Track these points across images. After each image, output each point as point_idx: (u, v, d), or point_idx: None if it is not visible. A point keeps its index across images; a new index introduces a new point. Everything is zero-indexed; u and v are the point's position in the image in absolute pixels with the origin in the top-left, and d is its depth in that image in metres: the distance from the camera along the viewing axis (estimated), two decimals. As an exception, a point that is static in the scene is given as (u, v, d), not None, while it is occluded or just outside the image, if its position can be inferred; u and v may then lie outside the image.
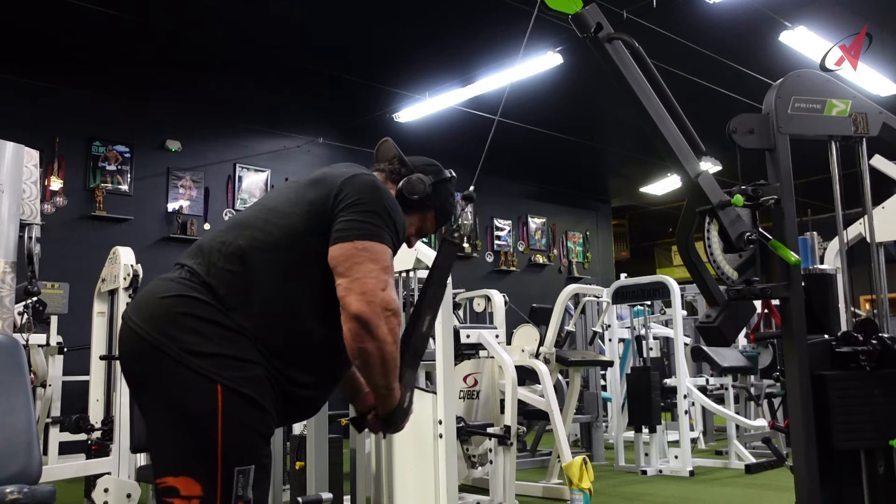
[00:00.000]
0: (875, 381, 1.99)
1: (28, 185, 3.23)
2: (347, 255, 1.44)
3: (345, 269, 1.43)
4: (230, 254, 1.48)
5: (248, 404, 1.38)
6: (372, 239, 1.45)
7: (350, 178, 1.53)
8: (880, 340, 2.02)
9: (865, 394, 1.98)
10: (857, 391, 1.98)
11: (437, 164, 1.77)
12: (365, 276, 1.42)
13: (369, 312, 1.40)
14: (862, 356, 1.99)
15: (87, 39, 6.67)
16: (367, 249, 1.44)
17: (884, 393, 1.97)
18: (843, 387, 1.98)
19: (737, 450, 5.36)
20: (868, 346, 2.01)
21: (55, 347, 5.04)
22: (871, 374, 1.99)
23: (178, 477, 1.35)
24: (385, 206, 1.51)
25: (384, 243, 1.47)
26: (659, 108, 2.02)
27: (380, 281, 1.43)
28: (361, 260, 1.43)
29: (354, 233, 1.45)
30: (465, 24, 6.54)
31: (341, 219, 1.47)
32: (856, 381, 1.99)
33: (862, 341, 2.03)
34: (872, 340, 2.02)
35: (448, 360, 3.11)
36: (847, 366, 2.01)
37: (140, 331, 1.41)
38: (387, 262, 1.46)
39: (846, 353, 2.02)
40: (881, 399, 1.97)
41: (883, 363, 2.01)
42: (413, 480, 3.12)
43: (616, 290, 5.56)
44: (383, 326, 1.42)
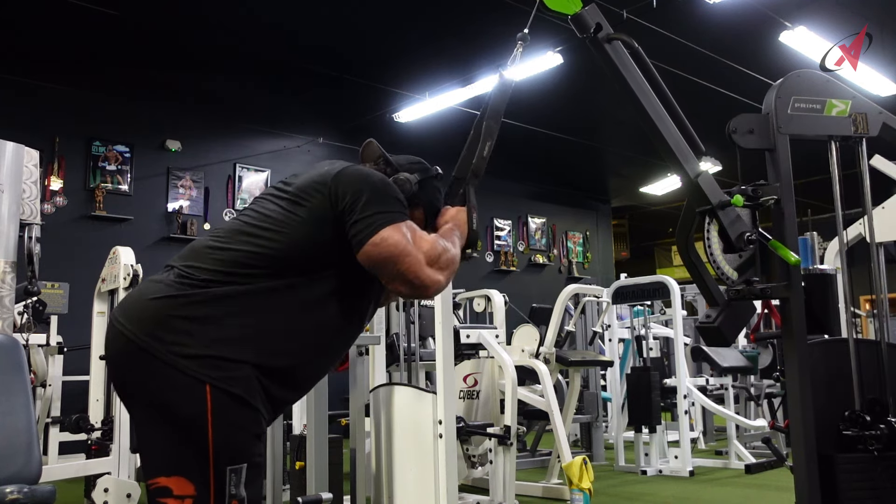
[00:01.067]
0: (882, 463, 1.98)
1: (28, 185, 3.23)
2: (371, 256, 1.46)
3: (379, 273, 1.49)
4: (220, 258, 1.47)
5: (237, 404, 1.38)
6: (385, 225, 1.47)
7: (336, 177, 1.53)
8: (888, 425, 2.00)
9: (872, 478, 1.98)
10: (864, 475, 1.98)
11: (423, 162, 1.77)
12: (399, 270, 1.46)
13: (427, 291, 1.50)
14: (871, 440, 1.99)
15: (87, 39, 6.67)
16: (386, 240, 1.45)
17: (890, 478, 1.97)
18: (850, 470, 1.99)
19: (737, 450, 5.36)
20: (876, 430, 2.00)
21: (55, 347, 5.04)
22: (878, 459, 1.98)
23: (170, 477, 1.35)
24: (377, 187, 1.52)
25: (396, 222, 1.48)
26: (659, 109, 2.02)
27: (412, 263, 1.46)
28: (385, 254, 1.45)
29: (368, 231, 1.46)
30: (465, 24, 6.54)
31: (351, 222, 1.48)
32: (863, 463, 1.99)
33: (870, 423, 2.01)
34: (881, 425, 2.00)
35: (448, 360, 3.11)
36: (854, 447, 2.01)
37: (128, 332, 1.41)
38: (406, 240, 1.48)
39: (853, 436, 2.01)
40: (887, 485, 1.97)
41: (890, 447, 2.00)
42: (413, 480, 3.12)
43: (616, 290, 5.56)
44: (442, 280, 1.52)
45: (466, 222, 1.69)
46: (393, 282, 1.49)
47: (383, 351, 4.28)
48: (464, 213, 1.71)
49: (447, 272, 1.54)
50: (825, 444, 2.02)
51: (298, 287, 1.48)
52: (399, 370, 4.42)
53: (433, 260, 1.50)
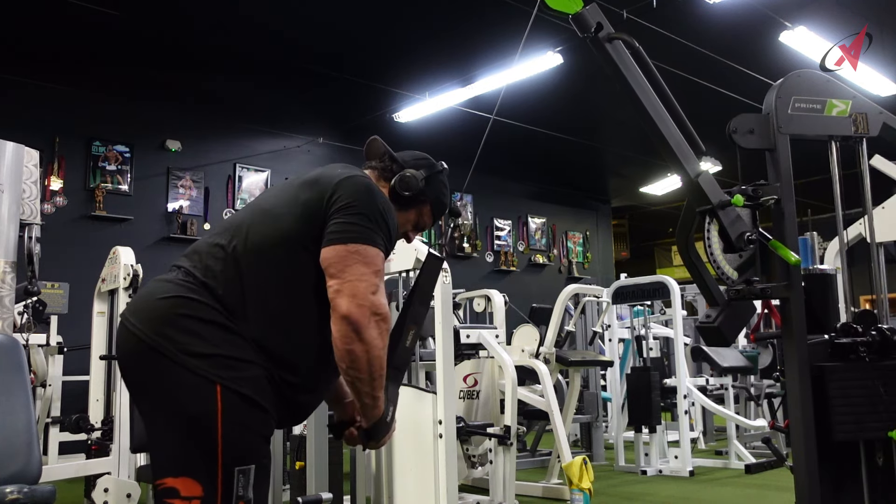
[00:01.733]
0: (874, 372, 1.98)
1: (28, 185, 3.23)
2: (339, 257, 1.44)
3: (336, 270, 1.44)
4: (225, 256, 1.48)
5: (247, 404, 1.38)
6: (364, 242, 1.46)
7: (344, 179, 1.53)
8: (879, 331, 2.02)
9: (864, 385, 1.97)
10: (857, 382, 1.97)
11: (428, 158, 1.77)
12: (356, 279, 1.42)
13: (358, 314, 1.41)
14: (861, 347, 1.99)
15: (87, 39, 6.67)
16: (360, 252, 1.44)
17: (883, 384, 1.97)
18: (842, 378, 1.97)
19: (737, 450, 5.36)
20: (867, 336, 2.01)
21: (55, 347, 5.04)
22: (870, 366, 1.99)
23: (178, 477, 1.35)
24: (378, 209, 1.51)
25: (376, 246, 1.47)
26: (659, 108, 2.02)
27: (370, 284, 1.43)
28: (353, 262, 1.43)
29: (347, 235, 1.45)
30: (465, 24, 6.54)
31: (334, 221, 1.47)
32: (855, 372, 1.98)
33: (861, 332, 2.02)
34: (872, 331, 2.02)
35: (448, 360, 3.11)
36: (846, 357, 2.01)
37: (138, 332, 1.41)
38: (378, 266, 1.46)
39: (845, 344, 2.01)
40: (880, 390, 1.96)
41: (882, 354, 2.01)
42: (413, 480, 3.12)
43: (616, 290, 5.56)
44: (372, 329, 1.43)
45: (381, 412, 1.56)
46: (339, 292, 1.42)
47: (383, 351, 4.28)
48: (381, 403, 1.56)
49: (383, 325, 1.45)
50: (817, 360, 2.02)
51: (302, 283, 1.48)
52: (399, 370, 4.41)
53: (380, 305, 1.44)
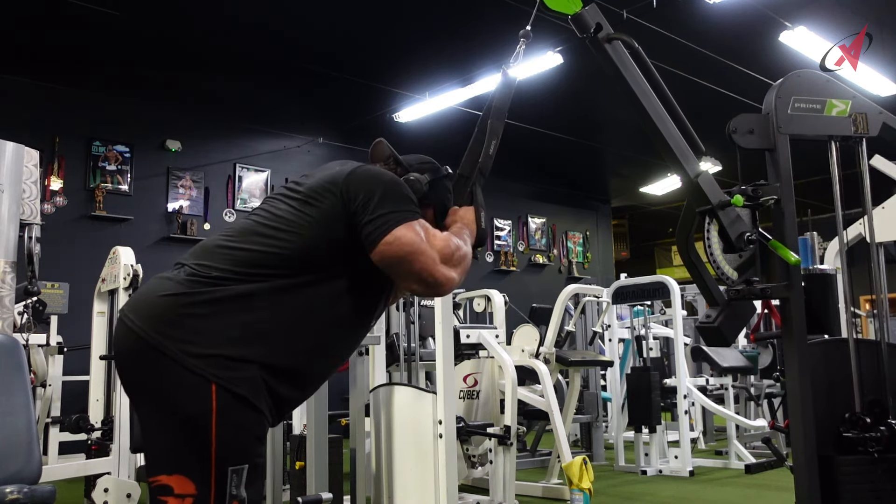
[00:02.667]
0: (881, 465, 1.98)
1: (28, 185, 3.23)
2: (385, 255, 1.47)
3: (393, 272, 1.50)
4: (229, 257, 1.48)
5: (242, 404, 1.38)
6: (398, 224, 1.47)
7: (348, 177, 1.53)
8: (888, 427, 2.00)
9: (872, 479, 1.97)
10: (864, 476, 1.98)
11: (433, 161, 1.77)
12: (413, 269, 1.47)
13: (442, 289, 1.51)
14: (871, 442, 1.99)
15: (87, 39, 6.67)
16: (399, 239, 1.46)
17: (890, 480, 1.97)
18: (850, 472, 1.98)
19: (737, 450, 5.36)
20: (876, 431, 2.00)
21: (55, 347, 5.04)
22: (878, 461, 1.98)
23: (171, 475, 1.35)
24: (389, 186, 1.52)
25: (408, 221, 1.49)
26: (659, 109, 2.02)
27: (426, 261, 1.47)
28: (399, 253, 1.46)
29: (381, 230, 1.47)
30: (465, 25, 6.54)
31: (363, 221, 1.48)
32: (862, 466, 1.99)
33: (870, 425, 2.01)
34: (881, 427, 2.01)
35: (448, 360, 3.11)
36: (854, 450, 2.01)
37: (137, 329, 1.41)
38: (420, 239, 1.48)
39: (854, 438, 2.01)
40: (887, 486, 1.97)
41: (890, 449, 2.00)
42: (413, 480, 3.12)
43: (616, 290, 5.56)
44: (456, 277, 1.52)
45: (475, 221, 1.71)
46: (407, 280, 1.50)
47: (383, 351, 4.28)
48: (472, 212, 1.72)
49: (460, 269, 1.55)
50: (825, 446, 2.02)
51: (308, 286, 1.48)
52: (399, 370, 4.42)
53: (447, 258, 1.51)
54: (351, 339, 1.61)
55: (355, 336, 1.62)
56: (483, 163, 1.76)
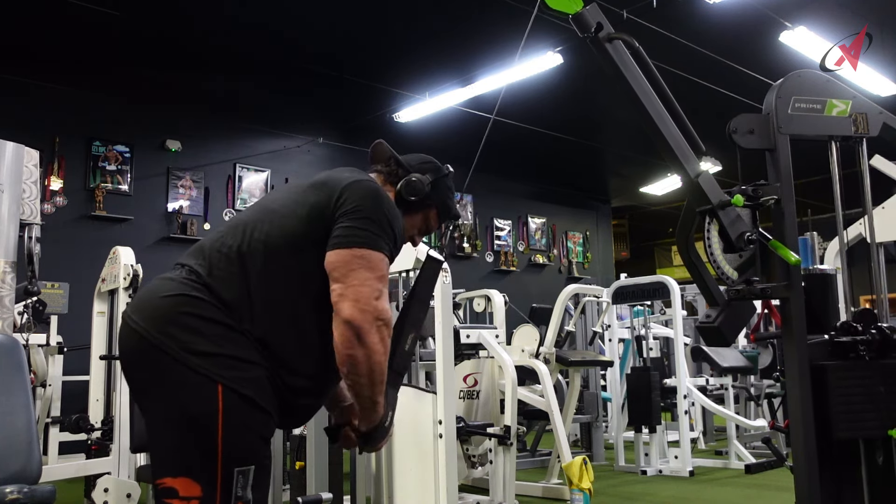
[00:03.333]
0: (874, 370, 1.98)
1: (28, 185, 3.23)
2: (344, 261, 1.44)
3: (340, 274, 1.44)
4: (231, 255, 1.48)
5: (248, 405, 1.38)
6: (369, 247, 1.46)
7: (351, 183, 1.53)
8: (879, 330, 2.02)
9: (864, 384, 1.97)
10: (857, 381, 1.97)
11: (434, 161, 1.77)
12: (360, 284, 1.43)
13: (361, 319, 1.41)
14: (861, 346, 1.99)
15: (87, 39, 6.67)
16: (364, 257, 1.45)
17: (883, 383, 1.97)
18: (843, 376, 1.97)
19: (737, 450, 5.36)
20: (867, 335, 2.01)
21: (55, 347, 5.03)
22: (870, 364, 1.99)
23: (176, 478, 1.34)
24: (385, 214, 1.51)
25: (381, 251, 1.47)
26: (659, 108, 2.02)
27: (374, 290, 1.44)
28: (357, 267, 1.44)
29: (352, 239, 1.45)
30: (465, 24, 6.54)
31: (340, 225, 1.48)
32: (855, 370, 1.98)
33: (861, 331, 2.02)
34: (871, 330, 2.02)
35: (448, 360, 3.11)
36: (846, 356, 2.01)
37: (141, 330, 1.41)
38: (382, 272, 1.46)
39: (845, 342, 2.01)
40: (880, 389, 1.96)
41: (882, 353, 2.01)
42: (413, 480, 3.12)
43: (616, 290, 5.56)
44: (374, 335, 1.43)
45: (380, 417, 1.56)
46: (342, 295, 1.42)
47: (383, 351, 4.28)
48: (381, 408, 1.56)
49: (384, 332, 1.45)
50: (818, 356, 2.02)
51: (307, 285, 1.48)
52: (399, 370, 4.41)
53: (381, 311, 1.44)
54: None
55: None
56: (398, 362, 1.61)
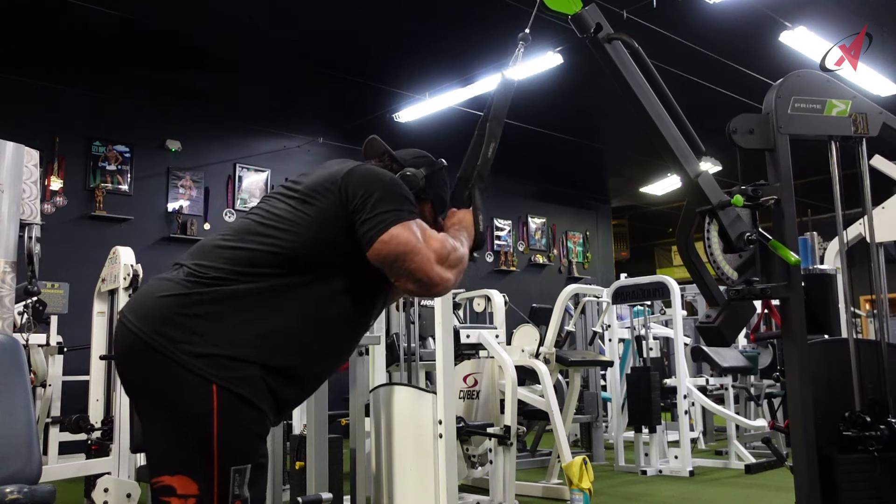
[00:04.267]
0: (882, 464, 1.98)
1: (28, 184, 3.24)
2: (381, 254, 1.47)
3: (389, 271, 1.49)
4: (228, 257, 1.48)
5: (243, 404, 1.38)
6: (395, 223, 1.47)
7: (346, 175, 1.53)
8: (888, 426, 2.01)
9: (871, 478, 1.98)
10: (864, 475, 1.98)
11: (427, 155, 1.77)
12: (408, 268, 1.47)
13: (436, 289, 1.51)
14: (871, 441, 1.99)
15: (87, 39, 6.66)
16: (395, 237, 1.46)
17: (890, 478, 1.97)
18: (850, 471, 1.98)
19: (737, 450, 5.36)
20: (876, 430, 2.01)
21: (55, 347, 5.04)
22: (878, 459, 1.99)
23: (174, 476, 1.35)
24: (388, 186, 1.52)
25: (405, 220, 1.49)
26: (659, 108, 2.02)
27: (422, 261, 1.47)
28: (395, 252, 1.46)
29: (378, 229, 1.46)
30: (465, 24, 6.54)
31: (361, 220, 1.48)
32: (862, 464, 1.99)
33: (870, 424, 2.01)
34: (881, 426, 2.01)
35: (448, 360, 3.11)
36: (854, 448, 2.01)
37: (136, 330, 1.41)
38: (416, 238, 1.48)
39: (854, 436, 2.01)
40: (887, 485, 1.97)
41: (889, 448, 2.00)
42: (413, 480, 3.12)
43: (616, 290, 5.56)
44: (451, 278, 1.52)
45: (473, 224, 1.70)
46: (402, 279, 1.49)
47: (383, 351, 4.28)
48: (470, 214, 1.72)
49: (456, 271, 1.55)
50: (825, 445, 2.02)
51: (308, 286, 1.48)
52: (399, 370, 4.42)
53: (443, 258, 1.51)
54: (350, 338, 1.61)
55: (354, 335, 1.62)
56: (482, 165, 1.75)
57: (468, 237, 1.67)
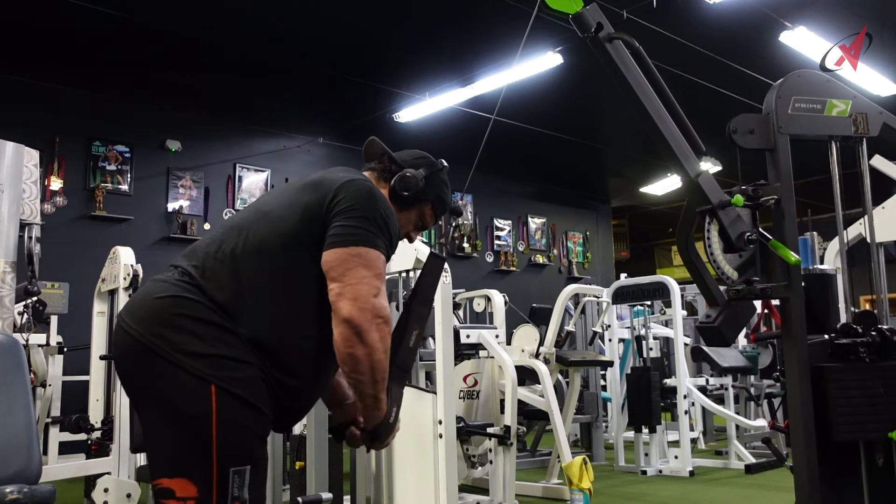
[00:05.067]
0: (874, 372, 1.98)
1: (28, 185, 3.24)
2: (341, 260, 1.45)
3: (338, 273, 1.45)
4: (225, 257, 1.48)
5: (242, 405, 1.38)
6: (366, 245, 1.46)
7: (346, 183, 1.53)
8: (879, 332, 2.02)
9: (864, 385, 1.97)
10: (857, 383, 1.97)
11: (428, 156, 1.77)
12: (357, 282, 1.43)
13: (360, 318, 1.42)
14: (861, 348, 1.99)
15: (86, 39, 6.66)
16: (361, 255, 1.45)
17: (883, 385, 1.96)
18: (842, 378, 1.97)
19: (737, 450, 5.36)
20: (867, 337, 2.01)
21: (55, 347, 5.04)
22: (870, 366, 1.99)
23: (173, 478, 1.35)
24: (380, 213, 1.51)
25: (377, 249, 1.48)
26: (659, 108, 2.02)
27: (372, 287, 1.44)
28: (354, 265, 1.44)
29: (349, 238, 1.46)
30: (465, 24, 6.54)
31: (336, 224, 1.48)
32: (855, 372, 1.98)
33: (861, 333, 2.02)
34: (872, 332, 2.02)
35: (448, 360, 3.11)
36: (846, 358, 2.01)
37: (134, 332, 1.41)
38: (379, 269, 1.47)
39: (845, 344, 2.01)
40: (880, 391, 1.96)
41: (882, 355, 2.01)
42: (413, 480, 3.12)
43: (616, 290, 5.56)
44: (374, 333, 1.43)
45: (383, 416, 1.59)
46: (341, 296, 1.43)
47: (383, 351, 4.27)
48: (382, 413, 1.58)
49: (385, 329, 1.46)
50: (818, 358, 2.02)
51: (305, 286, 1.48)
52: (399, 370, 4.41)
53: (381, 308, 1.45)
54: None
55: None
56: (402, 357, 1.62)
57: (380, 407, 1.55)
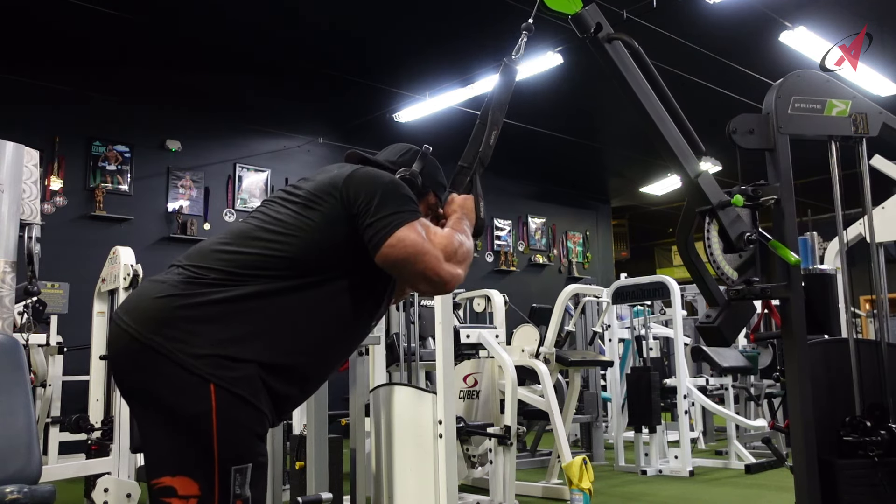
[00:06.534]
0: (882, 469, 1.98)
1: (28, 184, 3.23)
2: (390, 258, 1.47)
3: (398, 274, 1.51)
4: (226, 259, 1.47)
5: (241, 404, 1.38)
6: (400, 226, 1.47)
7: (347, 179, 1.53)
8: (889, 431, 2.01)
9: (871, 482, 1.97)
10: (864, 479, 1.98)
11: (411, 147, 1.78)
12: (418, 269, 1.48)
13: (448, 286, 1.52)
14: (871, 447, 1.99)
15: (87, 39, 6.67)
16: (402, 241, 1.46)
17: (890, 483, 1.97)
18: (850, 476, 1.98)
19: (737, 450, 5.36)
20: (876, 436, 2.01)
21: (55, 347, 5.04)
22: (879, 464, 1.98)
23: (175, 476, 1.34)
24: (388, 188, 1.52)
25: (410, 221, 1.49)
26: (659, 109, 2.02)
27: (430, 261, 1.48)
28: (403, 255, 1.47)
29: (383, 233, 1.47)
30: (465, 24, 6.54)
31: (365, 224, 1.48)
32: (863, 469, 1.99)
33: (871, 429, 2.01)
34: (881, 431, 2.01)
35: (448, 360, 3.11)
36: (854, 454, 2.01)
37: (132, 331, 1.40)
38: (423, 239, 1.49)
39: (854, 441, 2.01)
40: (888, 490, 1.96)
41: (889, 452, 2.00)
42: (413, 480, 3.12)
43: (616, 290, 5.56)
44: (461, 273, 1.54)
45: (474, 210, 1.72)
46: (413, 280, 1.52)
47: (383, 351, 4.28)
48: (471, 200, 1.73)
49: (464, 265, 1.57)
50: (826, 449, 2.01)
51: (308, 288, 1.48)
52: (399, 370, 4.42)
53: (450, 255, 1.52)
54: (350, 340, 1.61)
55: (355, 337, 1.62)
56: (483, 152, 1.79)
57: (469, 224, 1.69)
